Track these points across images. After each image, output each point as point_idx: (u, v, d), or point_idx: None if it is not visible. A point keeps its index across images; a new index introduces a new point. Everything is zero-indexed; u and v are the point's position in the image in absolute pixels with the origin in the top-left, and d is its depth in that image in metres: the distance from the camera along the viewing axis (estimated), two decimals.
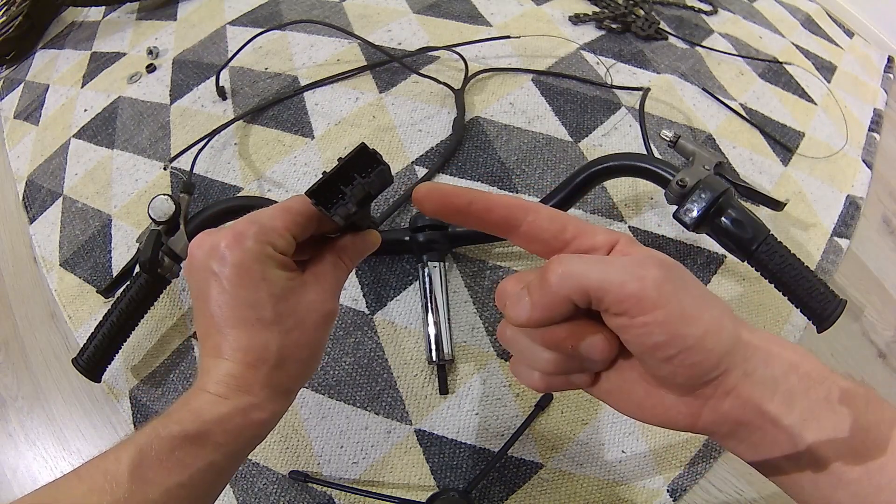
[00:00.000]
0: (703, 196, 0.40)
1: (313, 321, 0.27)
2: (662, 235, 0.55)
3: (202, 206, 0.50)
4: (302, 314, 0.27)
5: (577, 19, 0.75)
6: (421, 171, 0.59)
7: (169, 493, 0.23)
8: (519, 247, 0.24)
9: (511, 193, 0.57)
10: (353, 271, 0.53)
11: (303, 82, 0.68)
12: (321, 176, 0.25)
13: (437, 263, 0.49)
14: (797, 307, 0.41)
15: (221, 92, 0.68)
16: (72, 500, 0.22)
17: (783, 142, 0.66)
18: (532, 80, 0.67)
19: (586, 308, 0.21)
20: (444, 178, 0.58)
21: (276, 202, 0.49)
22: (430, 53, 0.69)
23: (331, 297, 0.29)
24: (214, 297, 0.26)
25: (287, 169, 0.60)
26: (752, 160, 0.63)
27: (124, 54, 0.78)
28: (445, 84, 0.65)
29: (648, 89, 0.64)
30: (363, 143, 0.25)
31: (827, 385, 0.21)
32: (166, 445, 0.23)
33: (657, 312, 0.19)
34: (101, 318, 0.47)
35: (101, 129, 0.69)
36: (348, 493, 0.45)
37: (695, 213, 0.40)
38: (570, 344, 0.21)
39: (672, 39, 0.76)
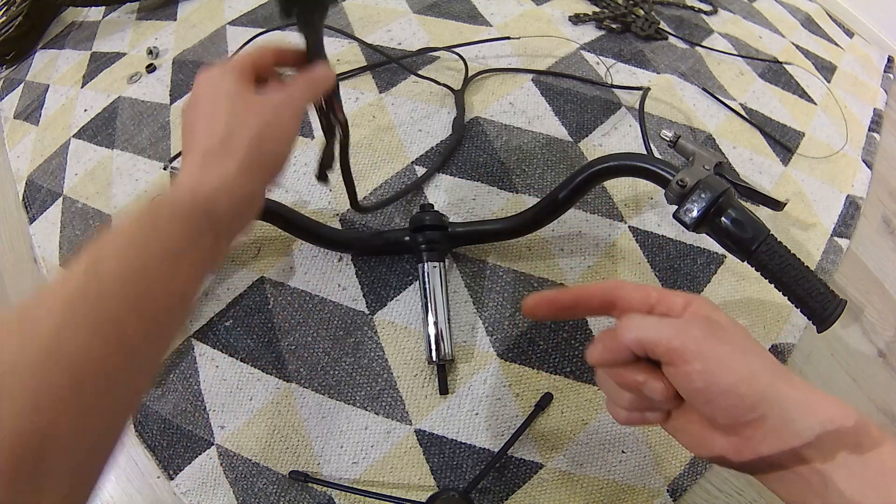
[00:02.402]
0: (703, 196, 0.40)
1: (269, 113, 0.31)
2: (662, 235, 0.55)
3: None
4: (259, 109, 0.31)
5: (577, 19, 0.75)
6: (421, 171, 0.59)
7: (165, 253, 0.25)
8: (614, 317, 0.29)
9: (509, 193, 0.57)
10: (354, 271, 0.53)
11: None
12: None
13: (437, 263, 0.49)
14: (797, 307, 0.41)
15: None
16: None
17: (783, 142, 0.66)
18: (532, 80, 0.67)
19: (646, 358, 0.26)
20: (444, 179, 0.58)
21: (276, 202, 0.50)
22: (430, 54, 0.69)
23: (289, 100, 0.33)
24: (200, 105, 0.31)
25: (287, 169, 0.60)
26: (752, 160, 0.63)
27: (124, 54, 0.78)
28: (445, 85, 0.65)
29: (648, 89, 0.64)
30: None
31: (860, 434, 0.23)
32: (125, 231, 0.25)
33: (696, 363, 0.24)
34: None
35: (101, 129, 0.69)
36: (348, 493, 0.45)
37: (695, 213, 0.40)
38: (638, 385, 0.26)
39: (672, 39, 0.76)
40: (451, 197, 0.57)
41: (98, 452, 0.21)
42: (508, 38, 0.69)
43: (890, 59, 0.83)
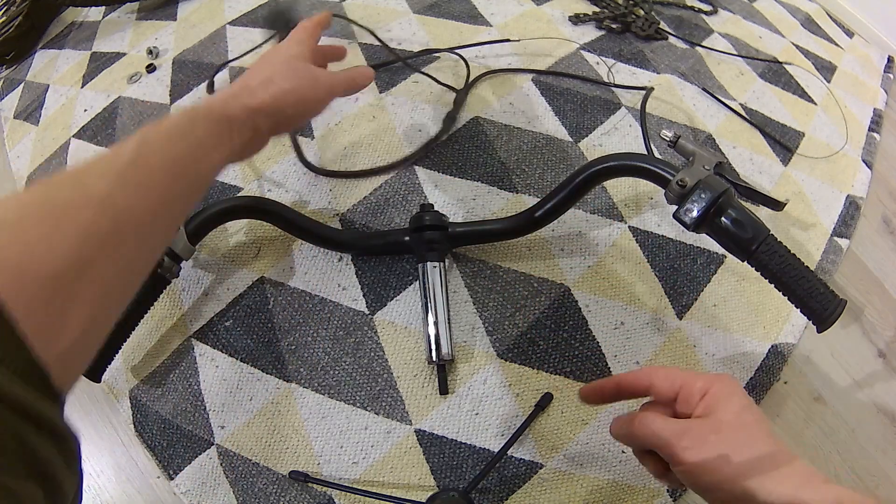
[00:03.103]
0: (703, 196, 0.40)
1: (303, 77, 0.39)
2: (662, 235, 0.55)
3: (202, 206, 0.50)
4: (303, 75, 0.39)
5: (577, 19, 0.75)
6: (421, 171, 0.59)
7: (172, 160, 0.29)
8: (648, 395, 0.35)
9: (509, 193, 0.57)
10: (354, 271, 0.53)
11: None
12: None
13: (437, 263, 0.49)
14: (797, 307, 0.41)
15: (211, 89, 0.68)
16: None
17: (783, 142, 0.66)
18: (532, 80, 0.67)
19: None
20: (445, 179, 0.58)
21: (276, 202, 0.50)
22: (430, 54, 0.69)
23: (330, 81, 0.41)
24: (262, 60, 0.40)
25: (287, 169, 0.60)
26: (752, 160, 0.63)
27: (124, 54, 0.78)
28: (447, 85, 0.65)
29: (652, 88, 0.64)
30: None
31: None
32: (169, 124, 0.30)
33: (684, 465, 0.30)
34: None
35: (101, 129, 0.69)
36: (348, 493, 0.45)
37: (695, 213, 0.40)
38: (650, 467, 0.34)
39: (672, 39, 0.76)
40: (451, 197, 0.57)
41: (123, 289, 0.26)
42: (508, 40, 0.69)
43: (890, 59, 0.83)
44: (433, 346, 0.47)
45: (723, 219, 0.40)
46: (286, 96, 0.37)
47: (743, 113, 0.68)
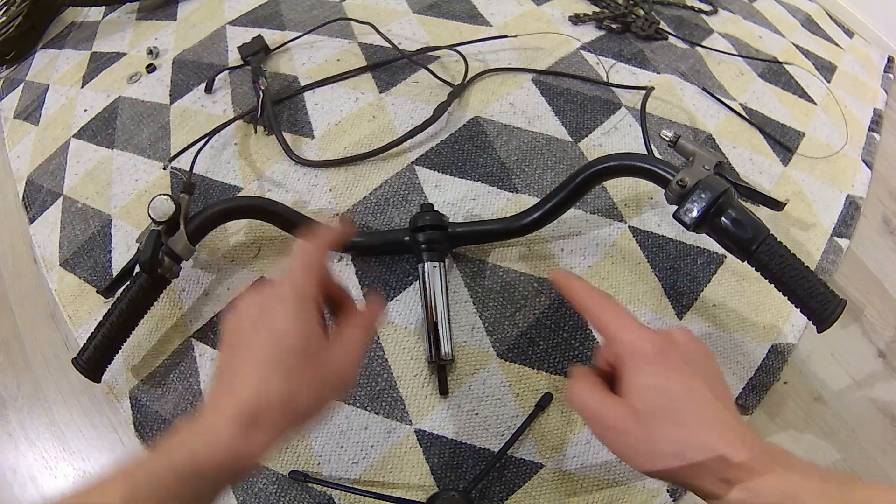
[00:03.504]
0: (703, 196, 0.40)
1: (331, 382, 0.30)
2: (662, 235, 0.55)
3: (202, 206, 0.50)
4: (320, 371, 0.29)
5: (577, 19, 0.75)
6: (421, 171, 0.59)
7: None
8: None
9: (509, 193, 0.57)
10: (354, 271, 0.53)
11: (303, 82, 0.68)
12: None
13: (437, 263, 0.49)
14: (797, 307, 0.41)
15: (209, 89, 0.69)
16: None
17: (783, 142, 0.66)
18: (532, 79, 0.67)
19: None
20: (445, 179, 0.58)
21: (276, 202, 0.50)
22: (430, 53, 0.69)
23: (354, 365, 0.32)
24: (246, 343, 0.29)
25: (287, 169, 0.60)
26: (752, 160, 0.63)
27: (124, 54, 0.78)
28: (446, 81, 0.65)
29: (652, 88, 0.64)
30: None
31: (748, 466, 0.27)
32: (160, 482, 0.25)
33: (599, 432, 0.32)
34: (101, 318, 0.47)
35: (101, 129, 0.69)
36: (348, 493, 0.45)
37: (695, 213, 0.40)
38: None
39: (672, 39, 0.76)
40: (451, 197, 0.57)
41: None
42: (506, 36, 0.69)
43: (890, 59, 0.83)
44: (433, 346, 0.47)
45: (723, 219, 0.40)
46: (306, 418, 0.29)
47: (743, 113, 0.68)
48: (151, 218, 0.47)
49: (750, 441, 0.28)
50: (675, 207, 0.42)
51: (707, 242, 0.55)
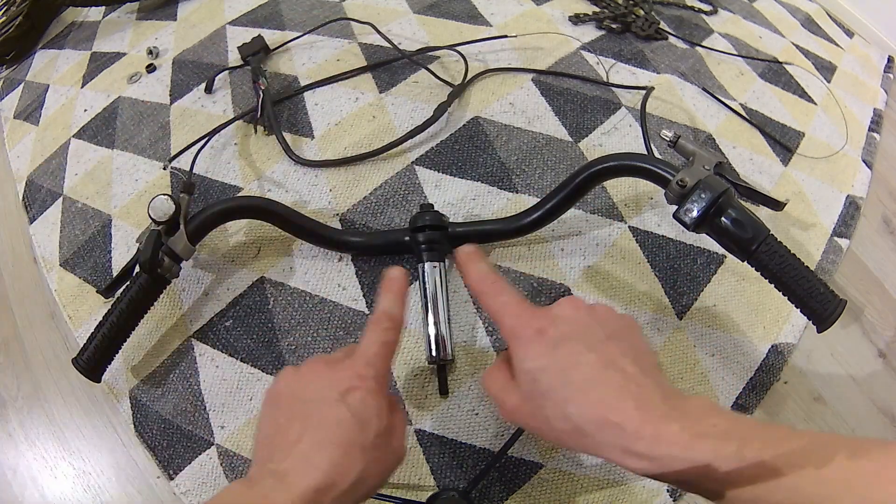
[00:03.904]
0: (703, 196, 0.40)
1: (392, 461, 0.32)
2: (662, 235, 0.55)
3: (202, 206, 0.50)
4: (386, 452, 0.31)
5: (577, 19, 0.75)
6: (421, 171, 0.59)
7: None
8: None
9: (509, 193, 0.57)
10: (354, 271, 0.53)
11: (303, 82, 0.68)
12: None
13: (437, 263, 0.49)
14: (797, 307, 0.41)
15: (209, 89, 0.69)
16: None
17: (783, 142, 0.66)
18: (532, 79, 0.67)
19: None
20: (445, 179, 0.58)
21: (276, 202, 0.50)
22: (430, 53, 0.69)
23: (404, 442, 0.34)
24: (325, 417, 0.30)
25: (287, 169, 0.60)
26: (752, 160, 0.63)
27: (124, 54, 0.78)
28: (446, 81, 0.65)
29: (652, 88, 0.64)
30: None
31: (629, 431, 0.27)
32: None
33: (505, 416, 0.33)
34: (101, 318, 0.47)
35: (101, 129, 0.69)
36: None
37: (695, 213, 0.40)
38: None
39: (672, 39, 0.76)
40: (451, 197, 0.57)
41: None
42: (506, 35, 0.69)
43: (890, 59, 0.83)
44: (433, 346, 0.47)
45: (723, 219, 0.40)
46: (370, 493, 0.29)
47: (743, 113, 0.68)
48: (151, 218, 0.47)
49: (658, 405, 0.26)
50: (675, 207, 0.42)
51: (707, 242, 0.55)
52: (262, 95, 0.63)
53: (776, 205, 0.48)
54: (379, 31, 0.70)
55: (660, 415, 0.26)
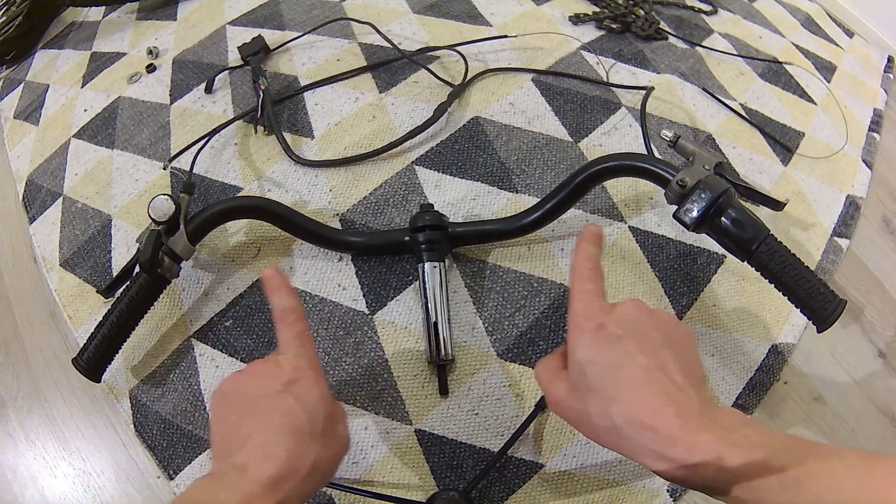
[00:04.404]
0: (703, 196, 0.40)
1: (340, 447, 0.33)
2: (662, 235, 0.55)
3: (202, 206, 0.50)
4: (335, 438, 0.33)
5: (577, 19, 0.75)
6: (421, 171, 0.59)
7: None
8: None
9: (509, 193, 0.57)
10: (354, 271, 0.53)
11: (303, 82, 0.68)
12: None
13: (437, 263, 0.49)
14: (797, 307, 0.41)
15: (209, 89, 0.69)
16: None
17: (783, 142, 0.66)
18: (532, 79, 0.67)
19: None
20: (445, 179, 0.58)
21: (276, 202, 0.50)
22: (430, 53, 0.69)
23: (347, 429, 0.35)
24: (274, 409, 0.31)
25: (287, 169, 0.60)
26: (752, 160, 0.63)
27: (124, 54, 0.78)
28: (446, 81, 0.65)
29: (652, 88, 0.64)
30: None
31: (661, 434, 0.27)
32: None
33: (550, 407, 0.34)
34: (101, 318, 0.47)
35: (101, 129, 0.69)
36: (348, 493, 0.45)
37: (695, 213, 0.40)
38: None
39: (672, 39, 0.76)
40: (451, 197, 0.57)
41: None
42: (506, 35, 0.69)
43: (890, 59, 0.83)
44: (433, 346, 0.47)
45: (723, 219, 0.40)
46: (313, 490, 0.30)
47: (743, 113, 0.68)
48: (151, 218, 0.47)
49: (695, 414, 0.27)
50: (675, 207, 0.42)
51: (707, 242, 0.55)
52: (262, 95, 0.63)
53: (776, 205, 0.48)
54: (379, 31, 0.70)
55: (697, 424, 0.26)
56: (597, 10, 0.77)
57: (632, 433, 0.27)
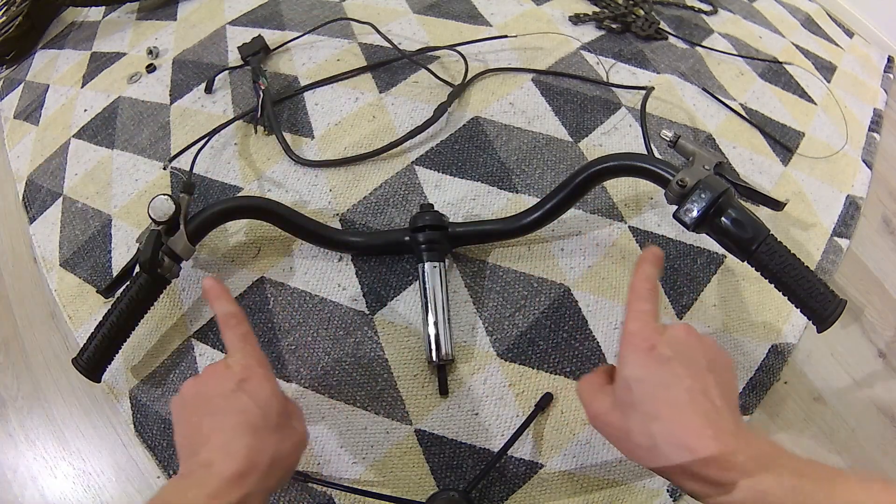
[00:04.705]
0: (703, 196, 0.40)
1: (297, 440, 0.35)
2: (662, 235, 0.55)
3: (202, 206, 0.50)
4: (291, 431, 0.34)
5: (577, 19, 0.75)
6: (421, 171, 0.59)
7: None
8: None
9: (509, 193, 0.57)
10: (354, 271, 0.53)
11: (303, 82, 0.68)
12: None
13: (437, 263, 0.49)
14: (797, 307, 0.41)
15: (209, 89, 0.69)
16: None
17: (783, 142, 0.66)
18: (532, 79, 0.67)
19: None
20: (445, 179, 0.58)
21: (275, 202, 0.50)
22: (430, 53, 0.69)
23: (304, 424, 0.37)
24: (231, 408, 0.32)
25: (287, 169, 0.60)
26: (752, 160, 0.63)
27: (124, 54, 0.78)
28: (446, 81, 0.65)
29: (652, 88, 0.64)
30: None
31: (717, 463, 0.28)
32: None
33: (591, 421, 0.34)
34: (101, 318, 0.47)
35: (101, 129, 0.69)
36: (348, 493, 0.45)
37: (695, 213, 0.40)
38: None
39: (672, 39, 0.76)
40: (451, 197, 0.57)
41: None
42: (506, 35, 0.69)
43: (890, 59, 0.83)
44: (433, 346, 0.47)
45: (723, 219, 0.40)
46: (276, 485, 0.32)
47: (743, 113, 0.68)
48: (151, 218, 0.47)
49: (730, 437, 0.28)
50: (675, 207, 0.42)
51: (707, 242, 0.55)
52: (262, 95, 0.63)
53: (776, 205, 0.48)
54: (379, 31, 0.70)
55: (732, 447, 0.28)
56: (597, 10, 0.77)
57: (670, 452, 0.29)
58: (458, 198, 0.57)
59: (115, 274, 0.52)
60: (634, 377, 0.31)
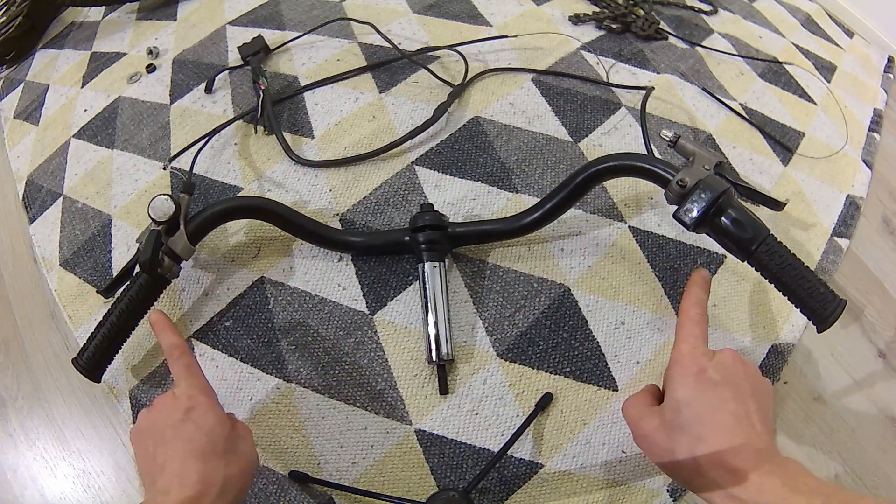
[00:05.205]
0: (703, 196, 0.40)
1: (246, 462, 0.37)
2: (662, 235, 0.55)
3: (202, 206, 0.50)
4: (239, 455, 0.36)
5: (577, 19, 0.75)
6: (421, 171, 0.59)
7: None
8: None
9: (509, 193, 0.57)
10: (354, 271, 0.53)
11: (303, 82, 0.68)
12: None
13: (437, 263, 0.49)
14: (797, 307, 0.41)
15: (209, 89, 0.69)
16: None
17: (783, 142, 0.66)
18: (532, 79, 0.67)
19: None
20: (445, 179, 0.58)
21: (276, 202, 0.50)
22: (430, 53, 0.69)
23: (253, 446, 0.39)
24: (181, 437, 0.35)
25: (287, 169, 0.60)
26: (752, 160, 0.63)
27: (124, 54, 0.78)
28: (446, 81, 0.65)
29: (652, 88, 0.64)
30: None
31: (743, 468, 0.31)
32: None
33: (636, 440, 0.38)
34: (101, 318, 0.47)
35: (101, 129, 0.69)
36: (348, 493, 0.45)
37: (695, 213, 0.40)
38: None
39: (672, 39, 0.76)
40: (451, 197, 0.57)
41: None
42: (506, 35, 0.69)
43: (890, 59, 0.83)
44: (433, 346, 0.47)
45: (723, 219, 0.40)
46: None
47: (743, 113, 0.68)
48: (151, 218, 0.47)
49: (766, 460, 0.30)
50: (675, 207, 0.42)
51: (707, 242, 0.55)
52: (262, 95, 0.63)
53: (776, 205, 0.48)
54: (379, 31, 0.70)
55: (767, 469, 0.30)
56: (597, 10, 0.77)
57: (711, 471, 0.30)
58: (458, 198, 0.57)
59: (115, 274, 0.52)
60: (684, 400, 0.33)
